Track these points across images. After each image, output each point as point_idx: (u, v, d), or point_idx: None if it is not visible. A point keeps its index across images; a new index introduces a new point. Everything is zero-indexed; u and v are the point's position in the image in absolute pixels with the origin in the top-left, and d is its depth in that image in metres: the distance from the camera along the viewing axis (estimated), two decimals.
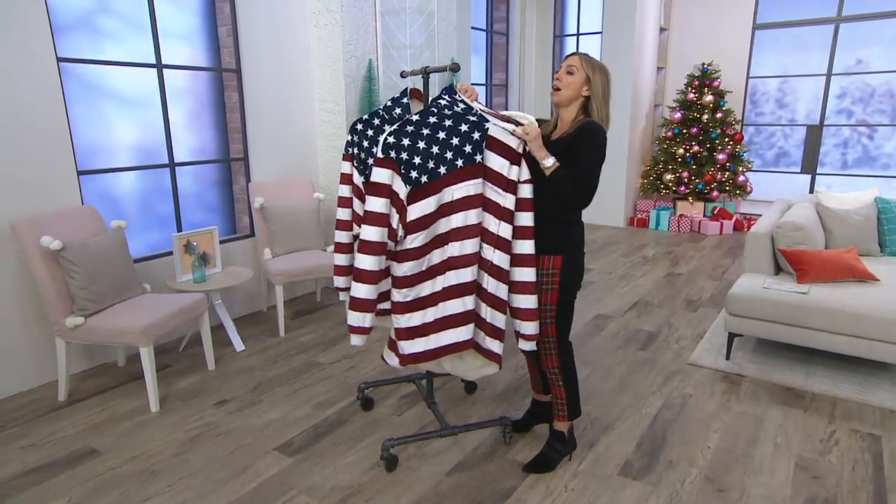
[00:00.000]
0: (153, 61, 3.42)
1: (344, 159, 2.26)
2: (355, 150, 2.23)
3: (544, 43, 7.19)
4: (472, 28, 6.15)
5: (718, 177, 6.62)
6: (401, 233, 1.89)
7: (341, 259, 2.30)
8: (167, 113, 3.51)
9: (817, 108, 7.05)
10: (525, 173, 1.92)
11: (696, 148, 6.67)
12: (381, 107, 2.23)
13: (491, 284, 1.95)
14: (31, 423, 2.65)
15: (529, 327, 2.02)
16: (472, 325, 1.97)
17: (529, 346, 2.06)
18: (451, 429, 2.37)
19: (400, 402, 2.81)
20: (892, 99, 6.57)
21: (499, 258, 1.92)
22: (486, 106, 2.34)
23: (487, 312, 1.97)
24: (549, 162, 1.92)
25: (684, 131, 6.77)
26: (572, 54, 2.06)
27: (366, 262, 1.90)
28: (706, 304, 4.20)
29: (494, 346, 1.99)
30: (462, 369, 2.11)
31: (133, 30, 3.37)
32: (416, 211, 1.89)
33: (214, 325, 3.72)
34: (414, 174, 1.88)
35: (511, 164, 1.89)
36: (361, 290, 1.92)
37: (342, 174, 2.26)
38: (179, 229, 3.66)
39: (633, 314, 4.02)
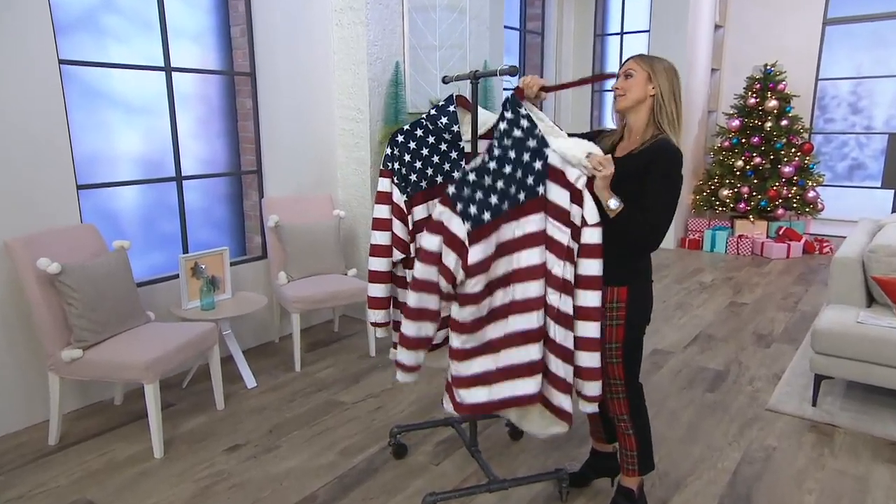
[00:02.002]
0: (161, 63, 3.45)
1: (382, 175, 2.22)
2: (396, 165, 2.20)
3: (583, 43, 7.20)
4: (505, 27, 6.18)
5: (784, 192, 6.50)
6: (460, 276, 1.84)
7: (378, 290, 2.25)
8: (175, 121, 3.53)
9: None
10: (592, 213, 1.83)
11: (757, 160, 6.57)
12: (424, 116, 2.20)
13: (559, 333, 1.88)
14: (19, 470, 2.62)
15: (592, 388, 1.93)
16: (539, 378, 1.90)
17: (591, 408, 1.98)
18: (501, 482, 2.29)
19: (437, 449, 2.73)
20: None
21: (565, 304, 1.86)
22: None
23: (556, 364, 1.90)
24: (613, 204, 1.85)
25: (743, 141, 6.69)
26: (629, 59, 2.04)
27: (428, 301, 1.87)
28: (779, 339, 4.08)
29: (565, 402, 1.92)
30: (526, 426, 2.04)
31: (139, 29, 3.41)
32: (478, 252, 1.85)
33: (222, 358, 3.69)
34: (474, 210, 1.84)
35: (572, 199, 1.83)
36: (411, 329, 1.88)
37: (379, 192, 2.22)
38: (185, 250, 3.66)
39: (696, 349, 3.91)
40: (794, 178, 6.51)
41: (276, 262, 3.84)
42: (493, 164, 1.87)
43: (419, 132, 2.18)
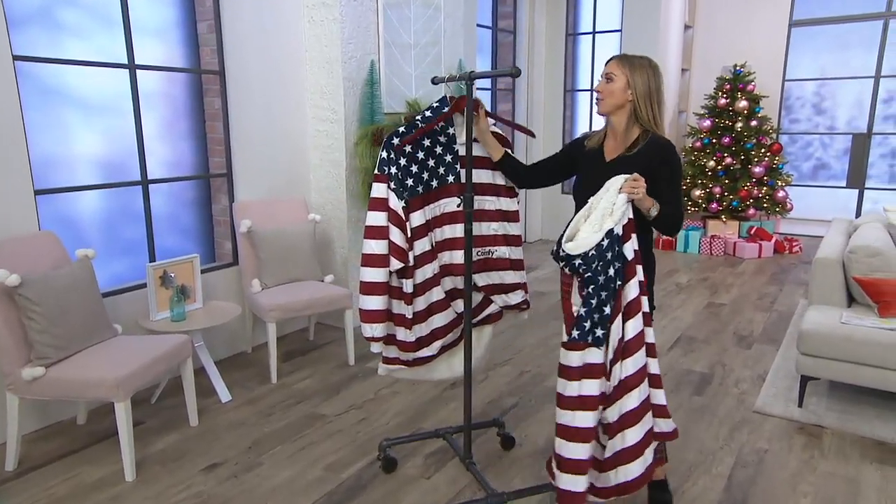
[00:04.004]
0: (124, 61, 3.31)
1: (377, 180, 2.16)
2: (392, 170, 2.14)
3: (555, 42, 7.24)
4: (478, 25, 6.16)
5: (755, 192, 6.66)
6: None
7: (374, 302, 2.17)
8: (140, 121, 3.39)
9: (860, 115, 7.17)
10: (631, 249, 1.92)
11: (728, 160, 6.71)
12: (420, 117, 2.15)
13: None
14: None
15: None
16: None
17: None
18: (500, 496, 2.26)
19: (427, 462, 2.68)
20: None
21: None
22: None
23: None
24: (654, 211, 1.99)
25: (714, 141, 6.82)
26: (610, 59, 2.12)
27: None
28: (760, 339, 4.16)
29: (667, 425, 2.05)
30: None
31: (99, 24, 3.26)
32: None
33: (193, 371, 3.55)
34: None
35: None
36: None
37: (374, 198, 2.15)
38: (152, 258, 3.52)
39: (679, 352, 3.96)
40: (765, 178, 6.68)
41: (248, 269, 3.73)
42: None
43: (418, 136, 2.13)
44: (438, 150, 2.26)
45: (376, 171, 2.15)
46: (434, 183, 2.26)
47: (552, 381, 3.50)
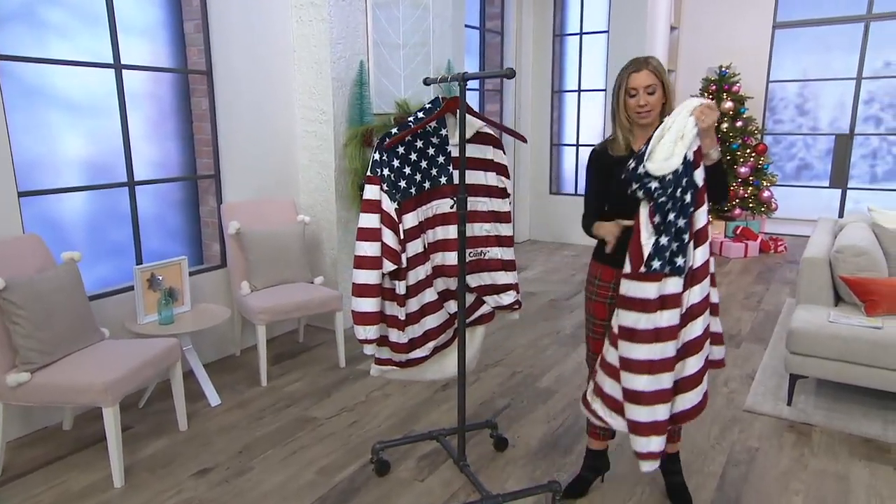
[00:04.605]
0: (109, 60, 3.26)
1: (369, 182, 2.14)
2: (385, 172, 2.12)
3: (543, 43, 7.26)
4: (466, 26, 6.16)
5: (741, 192, 6.73)
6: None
7: (368, 304, 2.16)
8: (126, 122, 3.34)
9: (842, 115, 7.27)
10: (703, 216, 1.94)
11: None
12: (412, 119, 2.14)
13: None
14: None
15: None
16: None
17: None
18: (495, 498, 2.25)
19: (420, 464, 2.67)
20: None
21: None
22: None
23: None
24: (715, 154, 2.00)
25: None
26: (637, 70, 2.05)
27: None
28: (748, 338, 4.20)
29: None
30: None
31: (84, 23, 3.21)
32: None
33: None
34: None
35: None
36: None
37: (366, 200, 2.14)
38: (139, 260, 3.47)
39: None
40: (750, 178, 6.75)
41: (237, 271, 3.69)
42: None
43: (408, 136, 2.11)
44: (431, 151, 2.25)
45: (368, 173, 2.14)
46: (426, 184, 2.25)
47: (544, 382, 3.50)
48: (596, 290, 2.22)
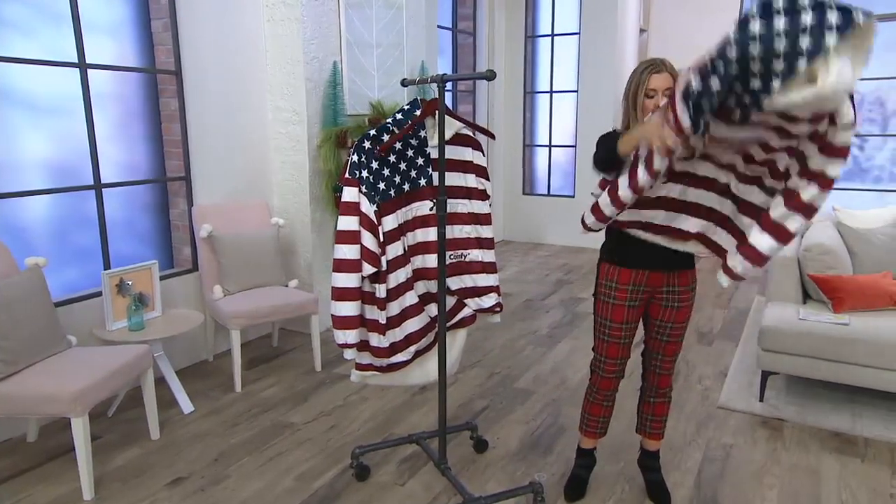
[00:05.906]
0: (74, 59, 3.17)
1: (348, 184, 2.11)
2: (364, 174, 2.10)
3: (515, 44, 7.30)
4: (438, 27, 6.16)
5: None
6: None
7: (347, 308, 2.14)
8: (92, 123, 3.25)
9: None
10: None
11: None
12: (390, 120, 2.13)
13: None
14: None
15: None
16: None
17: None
18: (477, 500, 2.25)
19: (400, 468, 2.66)
20: (882, 107, 7.06)
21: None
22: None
23: None
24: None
25: None
26: (658, 72, 2.04)
27: None
28: (720, 336, 4.28)
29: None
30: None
31: (46, 21, 3.12)
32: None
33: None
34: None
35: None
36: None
37: (345, 202, 2.11)
38: (107, 265, 3.38)
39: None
40: None
41: (209, 275, 3.62)
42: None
43: (386, 138, 2.10)
44: (410, 153, 2.24)
45: (347, 175, 2.12)
46: (406, 186, 2.24)
47: (522, 383, 3.51)
48: (613, 293, 2.19)
